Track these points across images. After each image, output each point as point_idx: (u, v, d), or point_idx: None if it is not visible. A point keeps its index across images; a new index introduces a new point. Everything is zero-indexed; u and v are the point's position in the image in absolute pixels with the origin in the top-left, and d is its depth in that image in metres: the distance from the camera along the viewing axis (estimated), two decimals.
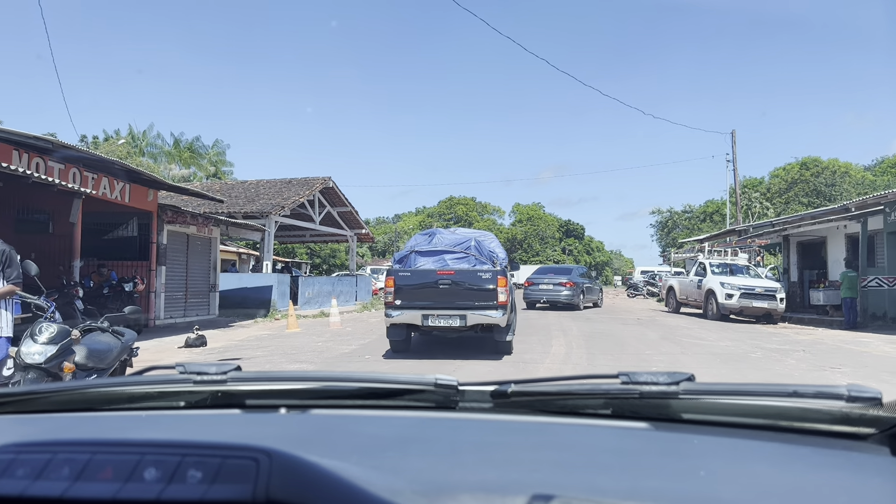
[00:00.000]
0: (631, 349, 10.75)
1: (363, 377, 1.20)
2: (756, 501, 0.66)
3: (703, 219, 65.81)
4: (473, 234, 10.38)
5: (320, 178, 23.40)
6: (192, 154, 46.61)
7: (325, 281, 24.36)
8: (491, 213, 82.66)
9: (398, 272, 9.35)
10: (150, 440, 0.69)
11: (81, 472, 0.63)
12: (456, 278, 9.01)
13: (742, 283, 17.81)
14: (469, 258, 9.61)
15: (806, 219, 19.97)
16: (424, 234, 10.64)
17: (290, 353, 10.25)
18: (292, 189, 22.54)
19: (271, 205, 20.25)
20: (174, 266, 16.20)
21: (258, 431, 1.01)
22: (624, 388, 1.03)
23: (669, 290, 21.89)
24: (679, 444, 0.93)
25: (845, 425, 0.95)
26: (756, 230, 22.73)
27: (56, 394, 1.21)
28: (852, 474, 0.79)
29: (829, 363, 9.40)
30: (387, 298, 9.24)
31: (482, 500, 0.61)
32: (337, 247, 51.61)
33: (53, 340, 4.03)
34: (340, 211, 25.19)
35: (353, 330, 14.30)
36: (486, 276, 9.01)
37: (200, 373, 1.15)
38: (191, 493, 0.59)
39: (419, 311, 9.00)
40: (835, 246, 19.29)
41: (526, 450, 0.86)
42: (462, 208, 78.73)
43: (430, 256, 9.71)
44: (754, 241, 23.44)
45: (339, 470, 0.64)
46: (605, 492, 0.66)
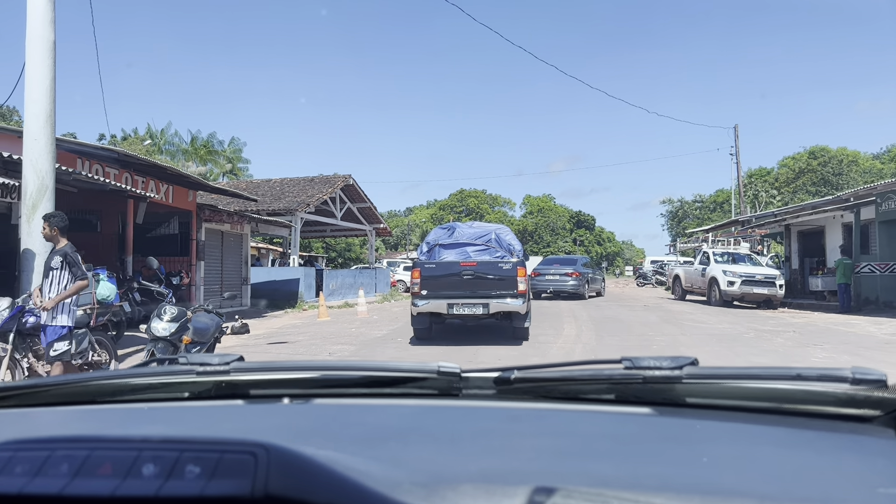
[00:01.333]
0: (636, 331, 11.86)
1: (366, 366, 1.22)
2: (760, 487, 0.64)
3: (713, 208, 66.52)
4: (493, 228, 10.98)
5: (341, 176, 24.58)
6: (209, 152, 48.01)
7: (346, 274, 25.58)
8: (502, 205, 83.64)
9: (424, 264, 9.96)
10: (148, 435, 0.69)
11: (80, 468, 0.63)
12: (478, 269, 9.61)
13: (743, 270, 18.82)
14: (490, 250, 10.28)
15: (807, 209, 20.95)
16: (444, 227, 11.28)
17: (329, 337, 11.43)
18: (315, 187, 23.73)
19: (297, 202, 21.45)
20: (211, 261, 17.43)
21: (260, 423, 1.01)
22: (627, 374, 1.03)
23: (675, 279, 22.93)
24: (682, 429, 0.92)
25: (850, 408, 0.94)
26: (759, 220, 23.71)
27: (59, 387, 1.21)
28: (857, 457, 0.78)
29: (813, 342, 10.45)
30: (413, 289, 9.81)
31: (482, 490, 0.60)
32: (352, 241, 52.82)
33: (174, 319, 5.21)
34: (360, 206, 26.36)
35: (380, 318, 15.48)
36: (507, 266, 9.61)
37: (203, 363, 1.15)
38: (189, 488, 0.59)
39: (444, 300, 9.59)
40: (833, 235, 20.23)
41: (528, 437, 0.85)
42: (473, 201, 79.71)
43: (453, 249, 10.40)
44: (754, 231, 24.41)
45: (338, 462, 0.64)
46: (607, 480, 0.66)
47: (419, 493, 0.60)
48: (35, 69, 6.56)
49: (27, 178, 6.55)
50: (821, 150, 56.97)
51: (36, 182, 6.54)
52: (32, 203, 6.53)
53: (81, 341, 6.32)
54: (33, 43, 6.56)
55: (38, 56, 6.56)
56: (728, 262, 19.91)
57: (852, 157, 55.73)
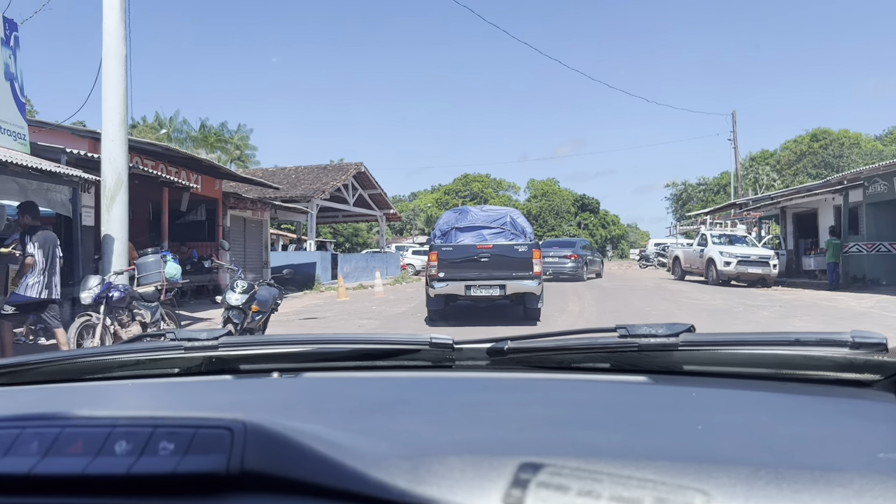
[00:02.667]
0: (634, 307, 12.94)
1: (358, 338, 1.22)
2: (756, 454, 0.62)
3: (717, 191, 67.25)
4: (506, 211, 11.36)
5: (354, 164, 25.61)
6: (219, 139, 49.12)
7: (360, 258, 26.72)
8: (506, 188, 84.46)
9: (441, 247, 10.16)
10: (121, 413, 0.67)
11: (50, 446, 0.61)
12: (495, 251, 9.89)
13: (739, 251, 19.83)
14: (505, 233, 10.54)
15: (802, 191, 21.93)
16: (456, 211, 11.58)
17: (353, 313, 12.54)
18: (329, 174, 24.78)
19: (313, 189, 22.52)
20: (235, 246, 18.50)
21: (247, 397, 1.00)
22: (622, 342, 1.01)
23: (675, 260, 23.95)
24: (677, 396, 0.91)
25: (849, 372, 0.93)
26: (756, 203, 24.70)
27: (46, 364, 1.19)
28: (857, 421, 0.77)
29: (795, 315, 11.50)
30: (431, 271, 9.98)
31: (469, 462, 0.59)
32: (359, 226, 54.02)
33: (245, 291, 6.30)
34: (371, 193, 27.41)
35: (396, 298, 16.58)
36: (523, 248, 9.92)
37: (191, 339, 1.14)
38: (162, 465, 0.58)
39: (462, 282, 9.79)
40: (825, 217, 21.20)
41: (519, 407, 0.84)
42: (477, 185, 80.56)
43: (469, 232, 10.64)
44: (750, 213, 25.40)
45: (320, 436, 0.62)
46: (597, 449, 0.64)
47: (404, 466, 0.58)
48: (110, 80, 7.59)
49: (106, 173, 7.62)
50: (823, 132, 57.56)
51: (113, 177, 7.60)
52: (111, 195, 7.60)
53: (154, 313, 7.44)
54: (109, 57, 7.58)
55: (113, 69, 7.59)
56: (725, 243, 20.91)
57: (854, 139, 56.32)
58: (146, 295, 7.44)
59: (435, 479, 0.57)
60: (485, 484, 0.56)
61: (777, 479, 0.55)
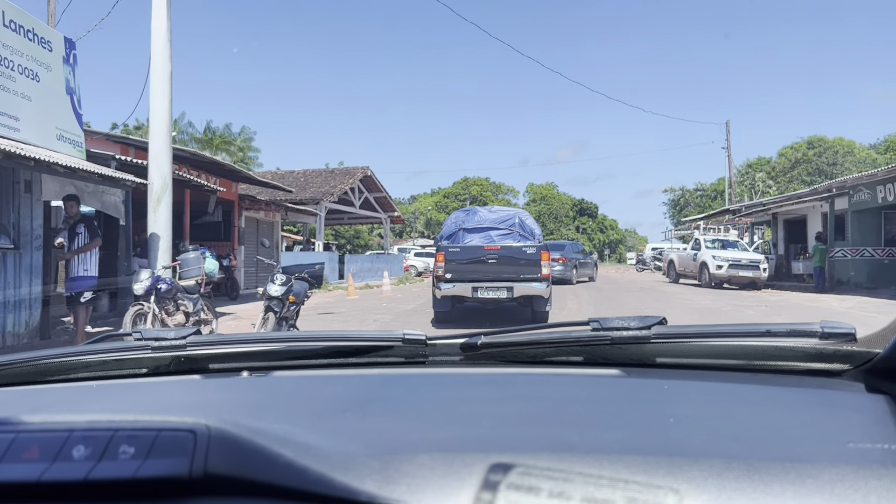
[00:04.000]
0: (629, 306, 13.80)
1: (329, 335, 1.20)
2: (727, 446, 0.63)
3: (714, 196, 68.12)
4: (515, 212, 11.10)
5: (360, 168, 26.49)
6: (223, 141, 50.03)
7: (365, 259, 27.58)
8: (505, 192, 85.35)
9: (448, 248, 9.95)
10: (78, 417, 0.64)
11: (4, 453, 0.59)
12: (503, 253, 9.68)
13: (730, 255, 20.70)
14: (513, 234, 10.36)
15: (792, 198, 22.82)
16: (464, 211, 11.37)
17: (365, 310, 13.40)
18: (336, 178, 25.64)
19: (322, 192, 23.38)
20: (249, 246, 19.37)
21: (215, 397, 0.98)
22: (595, 335, 1.02)
23: (670, 263, 24.84)
24: (650, 390, 0.91)
25: (819, 362, 0.94)
26: (748, 209, 25.60)
27: (8, 366, 1.14)
28: (827, 411, 0.78)
29: (778, 314, 12.37)
30: (437, 272, 9.77)
31: (440, 460, 0.58)
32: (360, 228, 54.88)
33: (283, 284, 7.15)
34: (376, 196, 28.28)
35: (403, 296, 17.44)
36: (531, 250, 9.66)
37: (158, 338, 1.11)
38: (122, 470, 0.56)
39: (469, 283, 9.54)
40: (814, 223, 22.09)
41: (493, 403, 0.83)
42: (476, 188, 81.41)
43: (476, 233, 10.43)
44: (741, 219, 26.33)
45: (287, 437, 0.62)
46: (570, 445, 0.64)
47: (374, 466, 0.58)
48: (157, 96, 8.44)
49: (153, 178, 8.47)
50: (818, 139, 58.52)
51: (160, 182, 8.46)
52: (157, 198, 8.45)
53: (195, 303, 8.30)
54: (156, 75, 8.43)
55: (160, 85, 8.45)
56: (718, 247, 21.79)
57: (848, 147, 57.31)
58: (188, 287, 8.28)
59: (405, 479, 0.56)
60: (455, 483, 0.55)
61: (748, 471, 0.55)
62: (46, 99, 7.99)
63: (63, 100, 8.32)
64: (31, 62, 7.73)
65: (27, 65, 7.66)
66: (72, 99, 8.47)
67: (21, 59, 7.55)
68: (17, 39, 7.50)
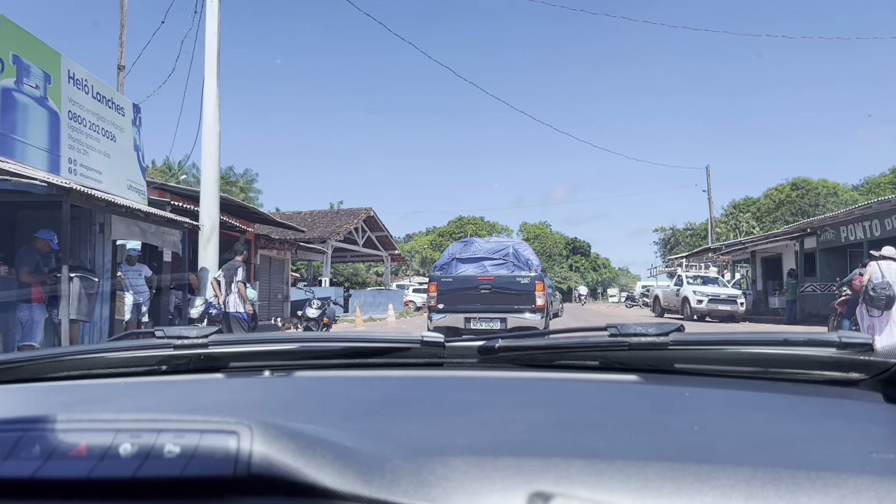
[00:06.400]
0: None
1: (348, 336, 1.20)
2: (753, 454, 0.63)
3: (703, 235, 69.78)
4: (510, 242, 11.01)
5: (363, 209, 28.18)
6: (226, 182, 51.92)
7: (367, 294, 29.06)
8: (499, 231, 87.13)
9: (440, 278, 9.90)
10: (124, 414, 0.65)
11: (53, 449, 0.59)
12: (496, 283, 9.60)
13: (710, 291, 22.26)
14: (507, 264, 10.24)
15: (769, 237, 24.55)
16: (461, 242, 11.43)
17: None
18: (340, 218, 27.29)
19: (328, 231, 24.99)
20: (261, 281, 20.85)
21: (241, 397, 0.99)
22: (613, 340, 1.02)
23: (655, 299, 26.39)
24: (671, 396, 0.90)
25: (836, 371, 0.95)
26: (728, 248, 27.29)
27: (34, 362, 1.17)
28: (847, 421, 0.78)
29: None
30: (430, 303, 9.81)
31: (473, 464, 0.59)
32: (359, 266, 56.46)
33: (319, 308, 8.68)
34: (378, 235, 29.92)
35: (407, 327, 18.87)
36: (525, 280, 9.53)
37: (181, 336, 1.13)
38: (169, 468, 0.56)
39: (462, 314, 9.48)
40: (788, 260, 23.73)
41: (516, 408, 0.83)
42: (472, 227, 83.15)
43: (470, 263, 10.35)
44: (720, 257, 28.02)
45: (325, 438, 0.62)
46: (599, 451, 0.63)
47: (408, 468, 0.58)
48: (208, 150, 10.05)
49: (203, 221, 10.02)
50: (803, 181, 60.58)
51: (209, 224, 10.01)
52: (207, 238, 9.99)
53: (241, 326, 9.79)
54: (207, 133, 10.05)
55: (210, 142, 10.06)
56: (698, 283, 23.37)
57: (832, 188, 59.39)
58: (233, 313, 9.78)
59: (439, 482, 0.57)
60: (489, 488, 0.56)
61: (775, 479, 0.55)
62: (120, 155, 9.59)
63: (131, 155, 9.92)
64: (110, 125, 9.36)
65: (107, 128, 9.28)
66: (138, 154, 10.07)
67: (103, 124, 9.17)
68: (100, 108, 9.13)
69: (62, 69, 8.34)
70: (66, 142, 8.34)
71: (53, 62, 8.19)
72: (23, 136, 7.55)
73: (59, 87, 8.26)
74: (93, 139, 8.92)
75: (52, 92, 8.11)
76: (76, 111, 8.61)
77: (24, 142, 7.58)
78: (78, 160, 8.60)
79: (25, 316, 7.08)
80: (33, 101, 7.79)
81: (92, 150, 8.87)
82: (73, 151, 8.51)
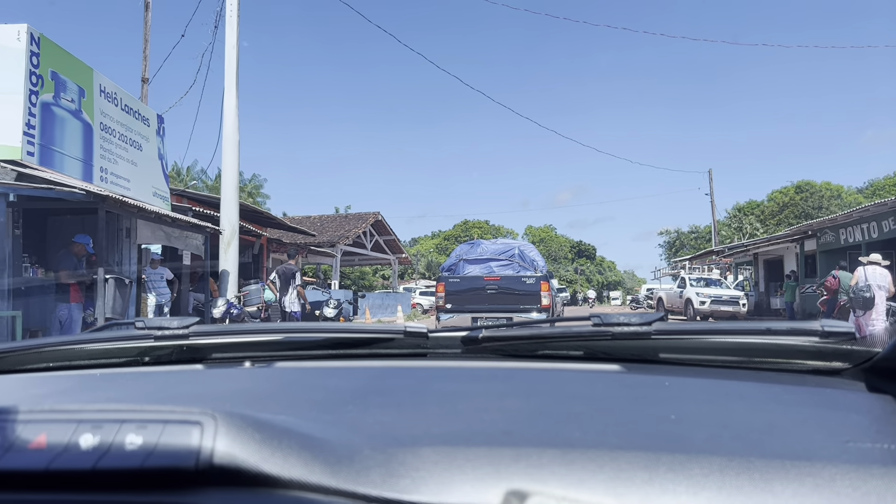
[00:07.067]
0: None
1: (331, 328, 1.21)
2: (729, 443, 0.63)
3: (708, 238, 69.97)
4: (516, 244, 11.27)
5: (371, 213, 28.74)
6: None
7: (376, 296, 29.59)
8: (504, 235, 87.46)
9: (448, 279, 10.21)
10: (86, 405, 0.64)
11: (13, 440, 0.59)
12: (502, 283, 9.87)
13: (712, 292, 22.68)
14: (513, 265, 10.48)
15: (771, 240, 24.96)
16: (468, 244, 11.72)
17: None
18: (349, 222, 27.84)
19: (338, 235, 25.52)
20: None
21: (218, 387, 0.98)
22: (596, 330, 1.02)
23: (659, 301, 26.81)
24: (651, 386, 0.90)
25: (819, 360, 0.95)
26: (731, 250, 27.70)
27: (9, 353, 1.15)
28: (827, 410, 0.78)
29: None
30: (438, 303, 10.15)
31: (444, 454, 0.59)
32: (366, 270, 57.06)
33: (335, 307, 9.22)
34: (385, 239, 30.45)
35: None
36: (530, 281, 9.76)
37: (161, 328, 1.11)
38: (130, 460, 0.55)
39: (469, 314, 9.77)
40: (790, 263, 24.13)
41: (494, 398, 0.82)
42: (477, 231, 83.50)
43: (477, 264, 10.61)
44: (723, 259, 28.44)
45: (292, 429, 0.62)
46: (572, 441, 0.64)
47: (377, 458, 0.58)
48: (228, 159, 10.57)
49: (224, 226, 10.55)
50: (807, 184, 60.77)
51: (229, 229, 10.54)
52: (227, 242, 10.52)
53: None
54: (227, 143, 10.58)
55: (230, 151, 10.59)
56: (701, 285, 23.79)
57: (835, 191, 59.58)
58: (252, 312, 10.30)
59: (409, 472, 0.56)
60: (459, 477, 0.56)
61: (748, 469, 0.55)
62: (146, 164, 10.14)
63: (156, 164, 10.47)
64: (136, 135, 9.91)
65: (134, 138, 9.83)
66: (161, 163, 10.62)
67: (130, 134, 9.72)
68: (128, 119, 9.68)
69: (94, 83, 8.88)
70: (97, 152, 8.89)
71: (87, 77, 8.73)
72: (60, 147, 8.09)
73: (92, 101, 8.81)
74: (121, 149, 9.46)
75: (85, 105, 8.66)
76: (107, 122, 9.15)
77: (62, 152, 8.11)
78: (108, 169, 9.14)
79: (65, 315, 7.60)
80: (69, 114, 8.33)
81: (121, 159, 9.41)
82: (104, 161, 9.05)
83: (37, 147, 7.59)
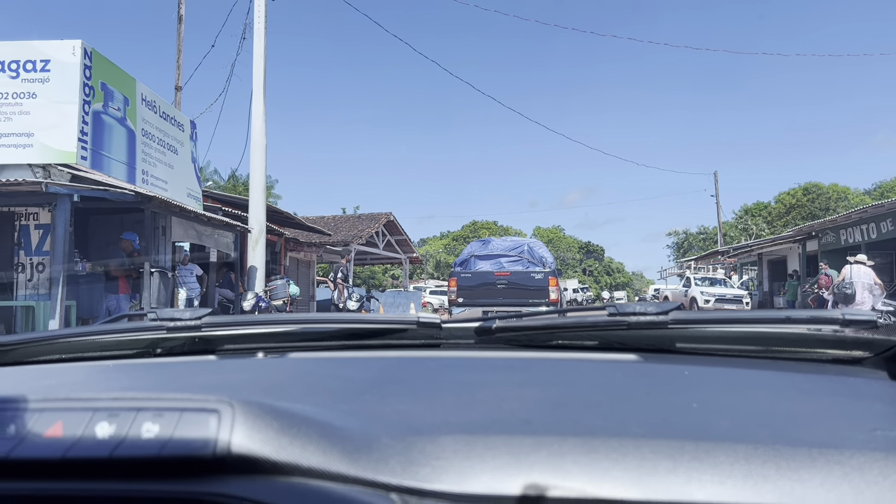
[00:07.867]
0: None
1: (344, 318, 1.20)
2: (754, 432, 0.61)
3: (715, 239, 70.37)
4: (525, 241, 11.99)
5: (384, 214, 29.52)
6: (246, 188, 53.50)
7: (388, 295, 30.34)
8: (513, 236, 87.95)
9: (460, 274, 10.86)
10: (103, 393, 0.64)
11: (29, 429, 0.58)
12: (511, 279, 10.42)
13: (717, 291, 23.29)
14: (522, 261, 11.07)
15: (775, 241, 25.52)
16: (479, 241, 12.63)
17: None
18: (362, 222, 28.60)
19: (351, 235, 26.27)
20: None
21: (232, 378, 0.98)
22: (611, 320, 1.00)
23: (665, 299, 27.42)
24: (670, 375, 0.89)
25: (840, 349, 0.94)
26: (736, 251, 28.28)
27: (23, 345, 1.15)
28: (850, 399, 0.77)
29: None
30: (450, 297, 10.75)
31: (462, 442, 0.58)
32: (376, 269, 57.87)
33: (358, 301, 9.92)
34: (397, 238, 31.20)
35: None
36: (539, 276, 10.32)
37: (174, 319, 1.11)
38: (146, 448, 0.55)
39: (480, 307, 10.26)
40: (793, 263, 24.66)
41: (511, 387, 0.81)
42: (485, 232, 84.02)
43: (487, 260, 11.24)
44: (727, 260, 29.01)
45: (309, 417, 0.61)
46: (593, 429, 0.62)
47: (396, 447, 0.58)
48: (256, 163, 11.30)
49: (252, 224, 11.29)
50: (814, 185, 61.03)
51: (257, 227, 11.27)
52: (255, 239, 11.24)
53: None
54: (255, 147, 11.31)
55: (257, 155, 11.32)
56: (706, 284, 24.40)
57: (842, 193, 59.81)
58: (278, 306, 11.00)
59: (428, 460, 0.56)
60: (480, 466, 0.55)
61: (775, 456, 0.55)
62: (181, 166, 10.89)
63: (189, 166, 11.22)
64: (173, 140, 10.66)
65: (170, 142, 10.59)
66: (194, 165, 11.38)
67: (167, 139, 10.48)
68: (165, 125, 10.44)
69: (137, 92, 9.63)
70: (140, 156, 9.64)
71: (130, 87, 9.48)
72: (108, 152, 8.84)
73: (135, 109, 9.55)
74: (160, 153, 10.22)
75: (129, 113, 9.40)
76: (147, 129, 9.90)
77: (109, 156, 8.86)
78: (149, 171, 9.90)
79: (113, 305, 8.34)
80: (116, 121, 9.08)
81: (159, 162, 10.16)
82: (146, 164, 9.80)
83: (89, 152, 8.33)
